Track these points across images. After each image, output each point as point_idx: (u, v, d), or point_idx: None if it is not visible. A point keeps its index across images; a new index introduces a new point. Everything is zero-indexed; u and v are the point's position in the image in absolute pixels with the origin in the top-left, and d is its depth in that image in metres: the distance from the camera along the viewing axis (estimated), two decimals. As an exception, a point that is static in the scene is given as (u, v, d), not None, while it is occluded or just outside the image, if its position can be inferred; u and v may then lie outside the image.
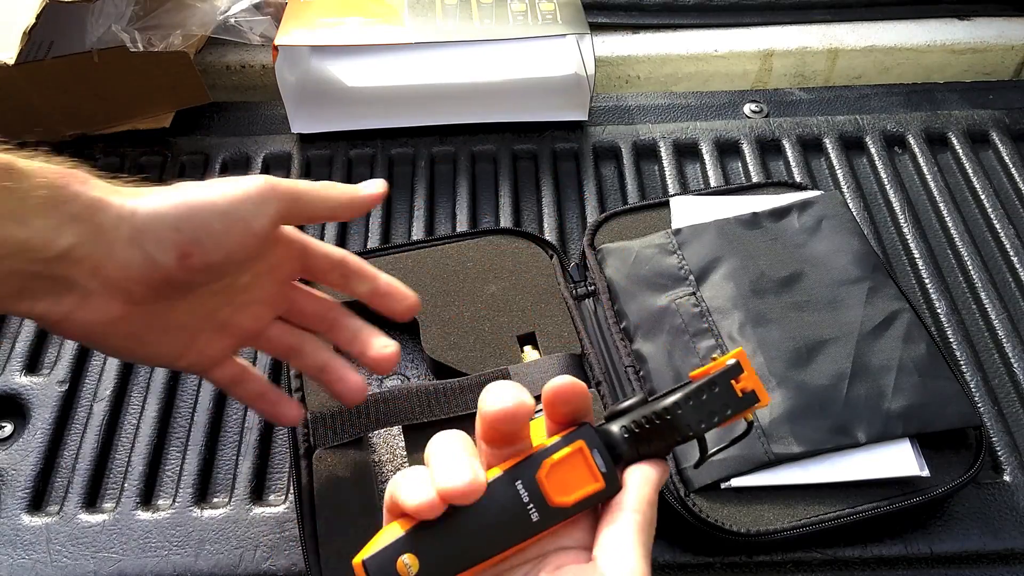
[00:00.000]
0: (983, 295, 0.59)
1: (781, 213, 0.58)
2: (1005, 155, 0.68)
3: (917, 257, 0.61)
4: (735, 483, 0.46)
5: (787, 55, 0.79)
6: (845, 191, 0.66)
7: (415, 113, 0.71)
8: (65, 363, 0.55)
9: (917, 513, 0.47)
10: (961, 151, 0.69)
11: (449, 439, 0.31)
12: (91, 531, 0.48)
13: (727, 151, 0.70)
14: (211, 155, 0.69)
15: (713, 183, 0.67)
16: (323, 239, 0.63)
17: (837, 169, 0.68)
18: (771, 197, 0.61)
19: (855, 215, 0.60)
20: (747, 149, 0.69)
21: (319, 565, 0.44)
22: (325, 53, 0.74)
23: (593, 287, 0.57)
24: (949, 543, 0.47)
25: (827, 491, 0.46)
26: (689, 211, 0.60)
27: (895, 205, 0.65)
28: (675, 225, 0.59)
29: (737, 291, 0.54)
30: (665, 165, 0.68)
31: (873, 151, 0.69)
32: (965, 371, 0.55)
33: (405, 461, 0.50)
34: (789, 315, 0.52)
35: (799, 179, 0.66)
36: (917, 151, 0.69)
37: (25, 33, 0.59)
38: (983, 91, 0.74)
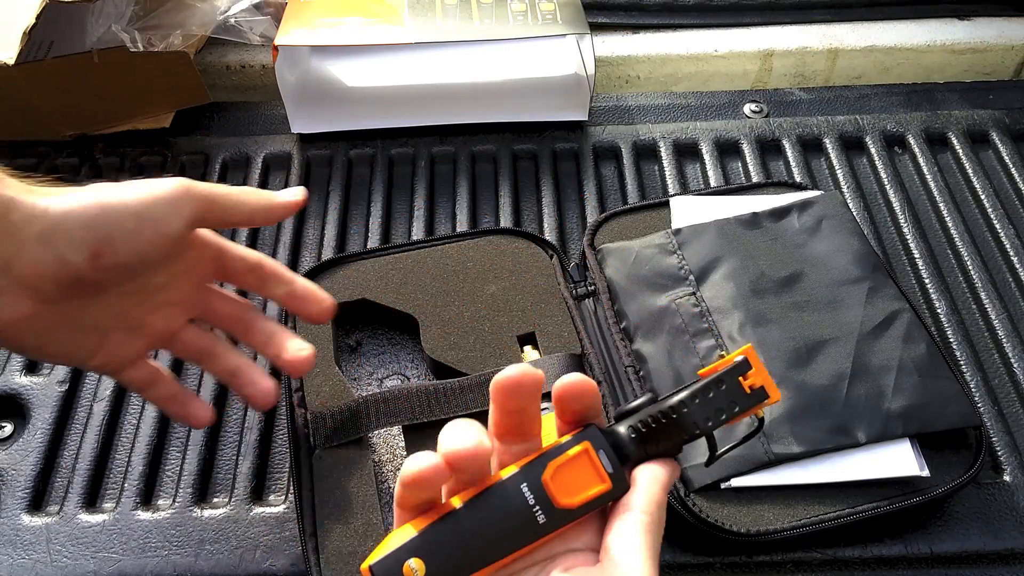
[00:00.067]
0: (983, 295, 0.59)
1: (781, 213, 0.58)
2: (1005, 155, 0.68)
3: (917, 257, 0.61)
4: (735, 483, 0.46)
5: (787, 55, 0.79)
6: (845, 191, 0.66)
7: (415, 113, 0.71)
8: (65, 363, 0.55)
9: (917, 513, 0.47)
10: (961, 151, 0.69)
11: (460, 421, 0.31)
12: (91, 531, 0.48)
13: (727, 151, 0.70)
14: (211, 155, 0.69)
15: (713, 183, 0.67)
16: (323, 240, 0.63)
17: (837, 169, 0.68)
18: (771, 197, 0.61)
19: (855, 215, 0.60)
20: (747, 149, 0.69)
21: (319, 565, 0.44)
22: (325, 53, 0.74)
23: (593, 287, 0.57)
24: (949, 543, 0.47)
25: (827, 491, 0.46)
26: (689, 211, 0.60)
27: (895, 205, 0.65)
28: (675, 225, 0.59)
29: (737, 291, 0.54)
30: (665, 165, 0.68)
31: (873, 151, 0.69)
32: (965, 371, 0.54)
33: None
34: (789, 315, 0.52)
35: (799, 179, 0.66)
36: (917, 151, 0.69)
37: (25, 33, 0.59)
38: (983, 91, 0.74)
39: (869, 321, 0.52)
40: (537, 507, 0.30)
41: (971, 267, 0.61)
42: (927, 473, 0.46)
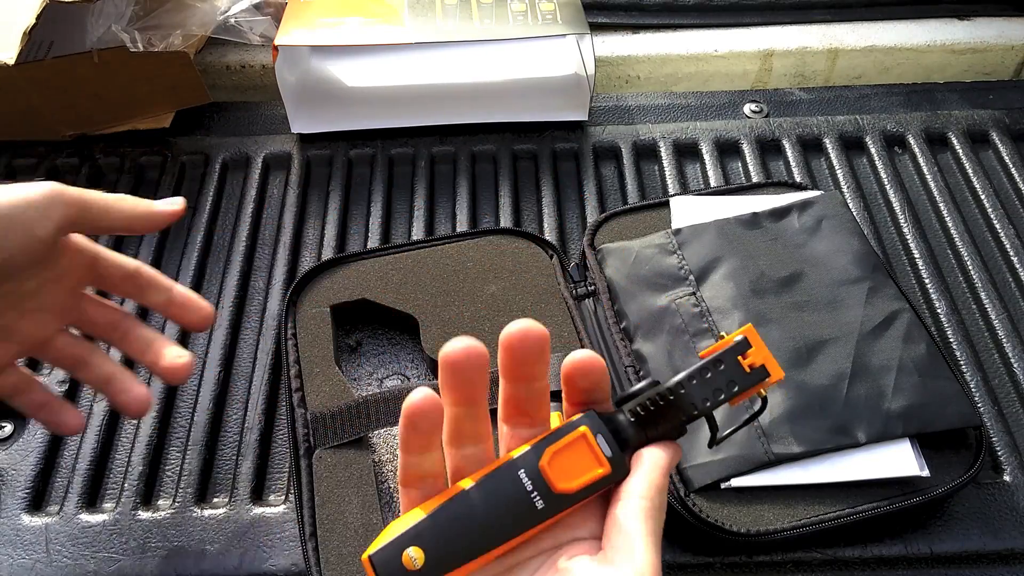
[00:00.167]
0: (983, 295, 0.59)
1: (781, 213, 0.58)
2: (1005, 155, 0.68)
3: (917, 257, 0.61)
4: (735, 483, 0.46)
5: (787, 55, 0.79)
6: (845, 191, 0.66)
7: (415, 113, 0.71)
8: (65, 363, 0.55)
9: (917, 513, 0.47)
10: (961, 151, 0.69)
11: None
12: (91, 531, 0.48)
13: (727, 151, 0.70)
14: (211, 155, 0.69)
15: (713, 183, 0.67)
16: (323, 240, 0.63)
17: (837, 169, 0.68)
18: (771, 197, 0.61)
19: (855, 215, 0.60)
20: (747, 149, 0.69)
21: (319, 565, 0.44)
22: (325, 53, 0.74)
23: (593, 287, 0.57)
24: (949, 543, 0.47)
25: (827, 491, 0.46)
26: (689, 211, 0.60)
27: (895, 205, 0.65)
28: (675, 225, 0.59)
29: (737, 291, 0.54)
30: (665, 165, 0.68)
31: (873, 151, 0.69)
32: (965, 371, 0.54)
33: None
34: (789, 315, 0.52)
35: (799, 179, 0.66)
36: (917, 151, 0.69)
37: (25, 33, 0.59)
38: (983, 91, 0.74)
39: (869, 321, 0.52)
40: (535, 493, 0.30)
41: (971, 267, 0.61)
42: (927, 473, 0.46)
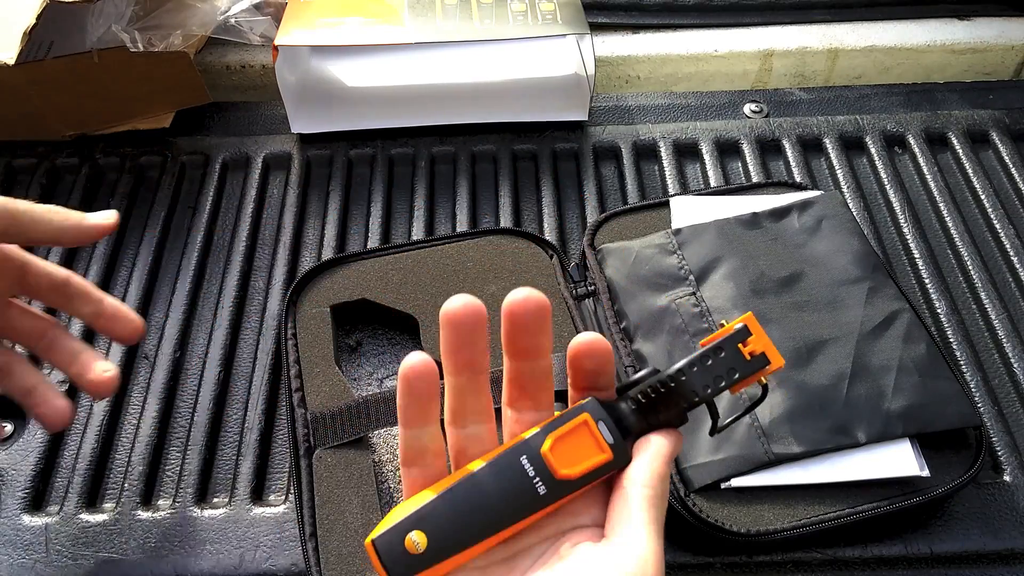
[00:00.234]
0: (983, 295, 0.59)
1: (781, 213, 0.58)
2: (1005, 155, 0.68)
3: (917, 257, 0.61)
4: (735, 483, 0.46)
5: (787, 55, 0.79)
6: (845, 191, 0.66)
7: (415, 113, 0.71)
8: (65, 363, 0.55)
9: (917, 513, 0.47)
10: (961, 151, 0.69)
11: None
12: (91, 531, 0.48)
13: (727, 151, 0.70)
14: (211, 155, 0.69)
15: (713, 183, 0.67)
16: (323, 240, 0.63)
17: (837, 169, 0.68)
18: (771, 197, 0.61)
19: (855, 215, 0.60)
20: (747, 149, 0.69)
21: (319, 565, 0.44)
22: (325, 53, 0.74)
23: (593, 287, 0.57)
24: (949, 543, 0.47)
25: (827, 491, 0.46)
26: (689, 211, 0.60)
27: (895, 205, 0.65)
28: (675, 225, 0.59)
29: (737, 291, 0.54)
30: (665, 165, 0.68)
31: (873, 151, 0.69)
32: (965, 371, 0.54)
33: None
34: (789, 315, 0.52)
35: (799, 179, 0.66)
36: (917, 151, 0.69)
37: (25, 33, 0.59)
38: (983, 91, 0.74)
39: (869, 321, 0.52)
40: (537, 479, 0.30)
41: (971, 267, 0.61)
42: (927, 473, 0.46)
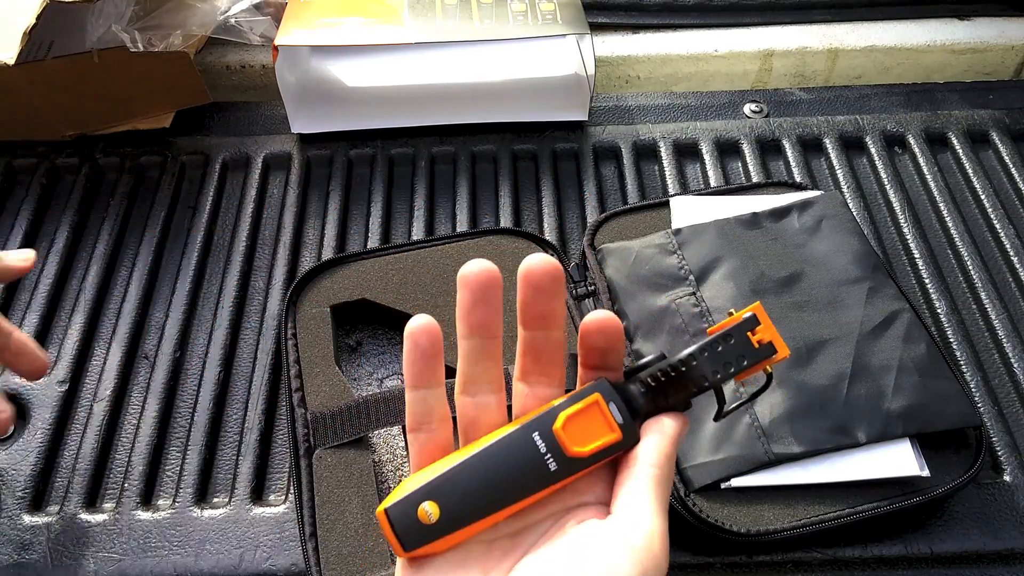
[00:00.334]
0: (983, 295, 0.59)
1: (781, 213, 0.58)
2: (1005, 155, 0.68)
3: (917, 257, 0.61)
4: (735, 483, 0.46)
5: (787, 55, 0.79)
6: (845, 191, 0.66)
7: (415, 113, 0.71)
8: (65, 363, 0.55)
9: (917, 513, 0.47)
10: (961, 151, 0.69)
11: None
12: (91, 531, 0.48)
13: (727, 151, 0.70)
14: (211, 155, 0.69)
15: (713, 183, 0.67)
16: (323, 240, 0.63)
17: (837, 169, 0.68)
18: (771, 197, 0.61)
19: (855, 215, 0.60)
20: (747, 149, 0.69)
21: (319, 565, 0.44)
22: (325, 53, 0.74)
23: (593, 287, 0.57)
24: (949, 543, 0.47)
25: (827, 491, 0.46)
26: (689, 211, 0.60)
27: (895, 205, 0.65)
28: (675, 225, 0.59)
29: (737, 291, 0.54)
30: (665, 165, 0.68)
31: (873, 151, 0.69)
32: (965, 371, 0.54)
33: (405, 461, 0.50)
34: (789, 315, 0.52)
35: (799, 179, 0.66)
36: (917, 151, 0.69)
37: (25, 33, 0.59)
38: (983, 91, 0.74)
39: (869, 321, 0.52)
40: (548, 455, 0.30)
41: (971, 267, 0.61)
42: (927, 473, 0.46)
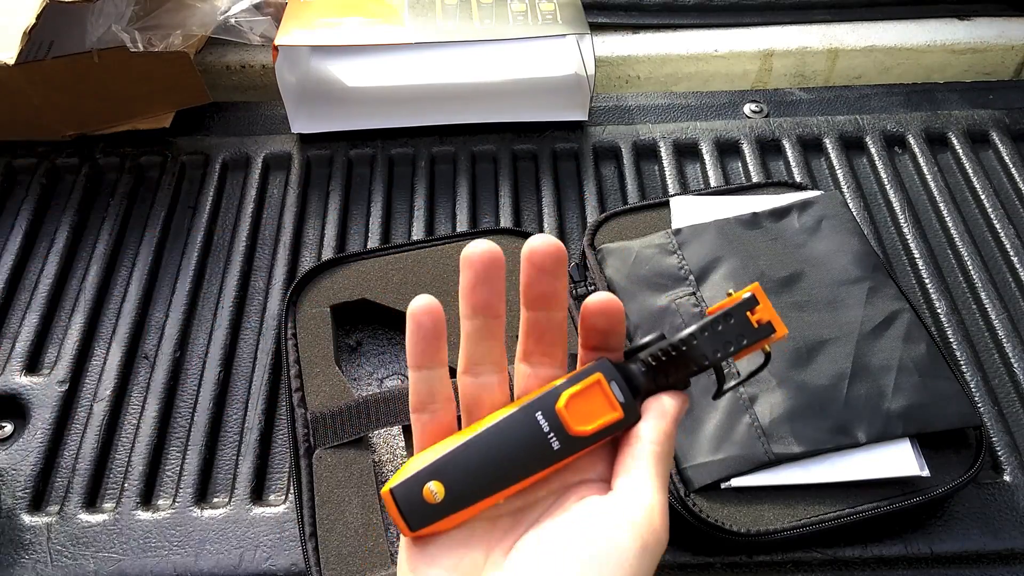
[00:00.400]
0: (983, 295, 0.59)
1: (781, 213, 0.58)
2: (1005, 155, 0.68)
3: (917, 257, 0.61)
4: (735, 483, 0.46)
5: (787, 55, 0.79)
6: (845, 191, 0.66)
7: (415, 113, 0.71)
8: (65, 363, 0.55)
9: (917, 513, 0.47)
10: (961, 151, 0.69)
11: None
12: (91, 531, 0.48)
13: (727, 151, 0.70)
14: (211, 155, 0.69)
15: (713, 183, 0.67)
16: (323, 240, 0.63)
17: (837, 169, 0.68)
18: (771, 197, 0.61)
19: (855, 215, 0.60)
20: (747, 149, 0.69)
21: (319, 565, 0.44)
22: (325, 53, 0.74)
23: (593, 287, 0.57)
24: (949, 543, 0.47)
25: (827, 491, 0.46)
26: (689, 211, 0.60)
27: (895, 205, 0.65)
28: (675, 225, 0.59)
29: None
30: (665, 165, 0.68)
31: (873, 151, 0.69)
32: (965, 371, 0.55)
33: (405, 461, 0.50)
34: (789, 315, 0.52)
35: (799, 179, 0.66)
36: (917, 151, 0.69)
37: (25, 33, 0.59)
38: (983, 91, 0.74)
39: (869, 321, 0.52)
40: (552, 434, 0.31)
41: (971, 267, 0.61)
42: (927, 473, 0.46)
